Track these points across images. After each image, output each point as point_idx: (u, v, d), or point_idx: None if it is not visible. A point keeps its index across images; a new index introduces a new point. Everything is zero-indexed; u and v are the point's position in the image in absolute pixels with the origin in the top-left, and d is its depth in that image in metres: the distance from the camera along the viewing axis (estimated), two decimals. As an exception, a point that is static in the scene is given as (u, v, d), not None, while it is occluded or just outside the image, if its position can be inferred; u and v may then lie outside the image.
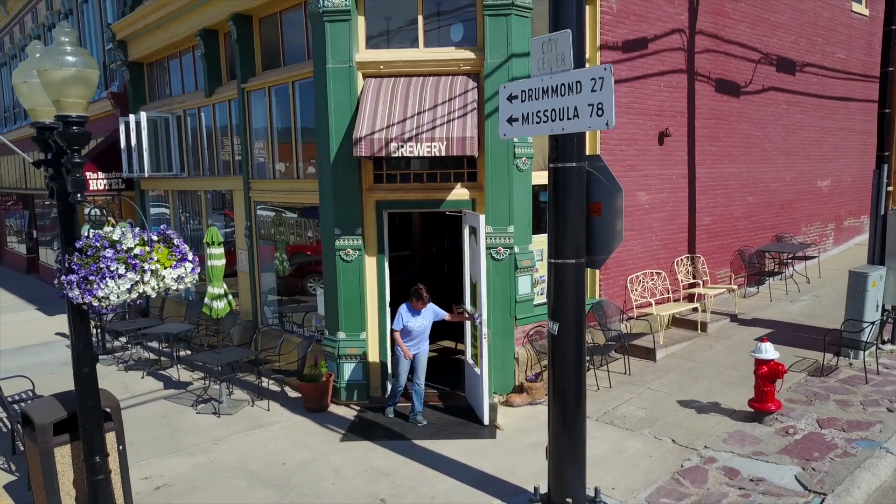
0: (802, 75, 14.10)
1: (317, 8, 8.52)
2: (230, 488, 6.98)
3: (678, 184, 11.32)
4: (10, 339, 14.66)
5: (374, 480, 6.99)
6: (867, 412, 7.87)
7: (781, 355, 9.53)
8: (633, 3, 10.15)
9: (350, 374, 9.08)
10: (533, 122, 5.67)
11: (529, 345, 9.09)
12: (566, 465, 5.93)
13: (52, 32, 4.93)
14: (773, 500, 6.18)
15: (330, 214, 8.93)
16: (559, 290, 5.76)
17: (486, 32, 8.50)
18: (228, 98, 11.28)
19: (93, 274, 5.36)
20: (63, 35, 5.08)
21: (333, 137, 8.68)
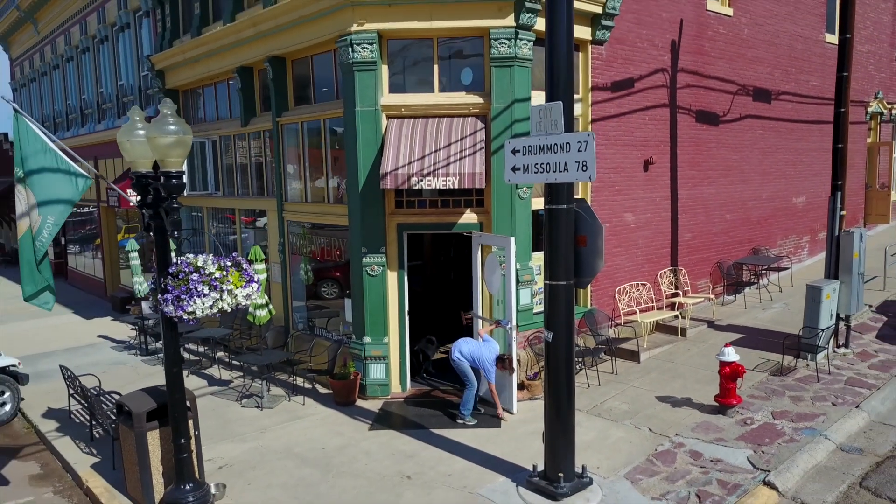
0: (778, 102, 15.53)
1: (347, 59, 9.96)
2: (281, 467, 8.43)
3: (661, 205, 12.76)
4: (59, 340, 16.12)
5: (399, 461, 8.43)
6: (815, 406, 9.31)
7: (749, 357, 11.04)
8: (620, 48, 11.59)
9: (374, 374, 10.51)
10: (532, 172, 7.11)
11: (529, 348, 10.53)
12: (559, 448, 7.37)
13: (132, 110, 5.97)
14: (727, 476, 7.61)
15: (358, 235, 10.38)
16: (553, 306, 7.21)
17: (493, 81, 9.94)
18: (263, 129, 12.72)
19: (184, 294, 6.79)
20: (166, 108, 6.51)
21: (362, 170, 10.12)
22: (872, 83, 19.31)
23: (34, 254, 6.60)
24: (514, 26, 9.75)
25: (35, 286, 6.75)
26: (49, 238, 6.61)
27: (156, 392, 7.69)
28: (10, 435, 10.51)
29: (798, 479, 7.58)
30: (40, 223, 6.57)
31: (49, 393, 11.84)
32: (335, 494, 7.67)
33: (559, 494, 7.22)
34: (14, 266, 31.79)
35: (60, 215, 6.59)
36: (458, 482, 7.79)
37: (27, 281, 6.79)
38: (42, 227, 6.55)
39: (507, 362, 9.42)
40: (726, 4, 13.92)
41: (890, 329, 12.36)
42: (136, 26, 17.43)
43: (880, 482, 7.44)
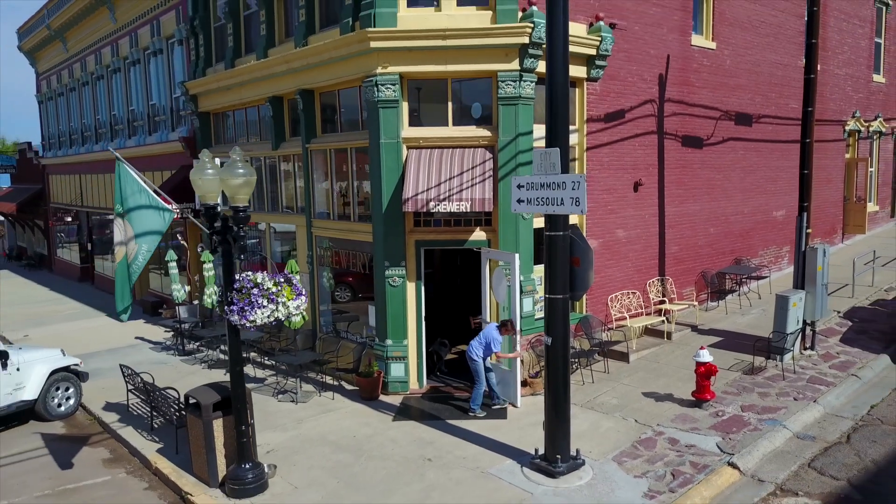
0: (759, 125, 16.98)
1: (373, 98, 11.41)
2: (319, 452, 9.88)
3: (650, 221, 14.21)
4: (99, 342, 17.53)
5: (421, 447, 9.88)
6: (778, 401, 10.76)
7: (726, 358, 12.50)
8: (612, 84, 13.03)
9: (395, 372, 11.97)
10: (534, 204, 8.56)
11: (531, 350, 11.98)
12: (557, 435, 8.82)
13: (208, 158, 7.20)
14: (698, 458, 9.06)
15: (381, 250, 11.83)
16: (552, 315, 8.66)
17: (500, 116, 11.39)
18: (293, 153, 14.17)
19: (246, 305, 8.26)
20: (236, 155, 7.95)
21: (385, 193, 11.57)
22: (850, 103, 20.76)
23: (128, 277, 8.07)
24: (518, 70, 11.20)
25: (124, 303, 8.25)
26: (143, 263, 8.09)
27: (217, 387, 9.15)
28: (76, 426, 11.97)
29: (757, 460, 9.03)
30: (136, 251, 8.04)
31: (103, 389, 13.28)
32: (368, 474, 9.13)
33: (557, 473, 8.67)
34: (39, 269, 33.32)
35: (152, 243, 8.06)
36: (472, 464, 9.24)
37: (119, 298, 8.29)
38: (137, 253, 8.02)
39: (509, 326, 10.80)
40: (710, 39, 15.37)
41: (853, 333, 13.80)
42: (168, 52, 18.90)
43: (825, 463, 8.89)
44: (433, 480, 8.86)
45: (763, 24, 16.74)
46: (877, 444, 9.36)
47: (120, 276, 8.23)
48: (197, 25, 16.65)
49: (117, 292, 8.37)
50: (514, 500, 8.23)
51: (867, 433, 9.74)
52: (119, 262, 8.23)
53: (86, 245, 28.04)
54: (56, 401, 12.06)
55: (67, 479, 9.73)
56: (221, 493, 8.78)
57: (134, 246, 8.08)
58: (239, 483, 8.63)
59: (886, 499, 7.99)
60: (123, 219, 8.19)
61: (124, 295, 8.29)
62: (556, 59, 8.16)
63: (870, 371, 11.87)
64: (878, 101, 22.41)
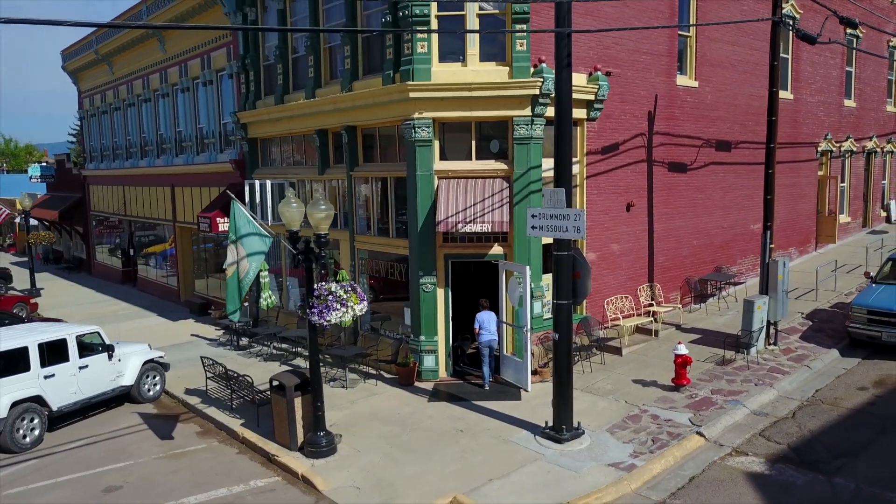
0: (737, 150, 19.45)
1: (411, 138, 13.89)
2: (371, 425, 12.36)
3: (641, 236, 16.69)
4: (160, 338, 19.98)
5: (453, 421, 12.36)
6: (742, 386, 13.23)
7: (703, 352, 14.97)
8: (608, 122, 15.50)
9: (427, 363, 14.45)
10: (545, 230, 11.05)
11: (540, 345, 14.46)
12: (562, 411, 11.29)
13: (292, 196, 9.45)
14: (673, 429, 11.53)
15: (416, 262, 14.31)
16: (559, 317, 11.15)
17: (515, 153, 13.87)
18: (337, 178, 16.64)
19: (324, 309, 10.75)
20: (319, 196, 10.44)
21: (420, 215, 14.04)
22: (822, 127, 23.21)
23: (239, 288, 10.61)
24: (530, 115, 13.68)
25: (235, 305, 10.80)
26: (252, 278, 10.63)
27: (296, 372, 11.66)
28: (164, 407, 14.47)
29: (720, 431, 11.51)
30: (247, 268, 10.55)
31: (179, 377, 15.77)
32: (413, 441, 11.62)
33: (563, 440, 11.15)
34: (78, 272, 35.83)
35: (257, 263, 10.58)
36: (495, 434, 11.73)
37: (231, 302, 10.88)
38: (249, 270, 10.53)
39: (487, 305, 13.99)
40: (693, 78, 17.84)
41: (812, 331, 16.27)
42: (217, 82, 21.40)
43: (772, 433, 11.38)
44: (465, 445, 11.35)
45: (740, 62, 19.20)
46: (815, 419, 11.84)
47: (231, 286, 10.78)
48: (248, 63, 19.14)
49: (228, 298, 10.92)
50: (530, 459, 10.72)
51: (809, 411, 12.23)
52: (230, 277, 10.76)
53: (127, 250, 30.56)
54: (146, 386, 14.56)
55: (173, 446, 12.24)
56: (301, 455, 11.27)
57: (245, 264, 10.58)
58: (315, 447, 11.12)
59: (811, 454, 10.48)
60: (236, 244, 10.71)
61: (234, 300, 10.85)
62: (564, 124, 10.67)
63: (820, 363, 14.36)
64: (850, 123, 24.86)
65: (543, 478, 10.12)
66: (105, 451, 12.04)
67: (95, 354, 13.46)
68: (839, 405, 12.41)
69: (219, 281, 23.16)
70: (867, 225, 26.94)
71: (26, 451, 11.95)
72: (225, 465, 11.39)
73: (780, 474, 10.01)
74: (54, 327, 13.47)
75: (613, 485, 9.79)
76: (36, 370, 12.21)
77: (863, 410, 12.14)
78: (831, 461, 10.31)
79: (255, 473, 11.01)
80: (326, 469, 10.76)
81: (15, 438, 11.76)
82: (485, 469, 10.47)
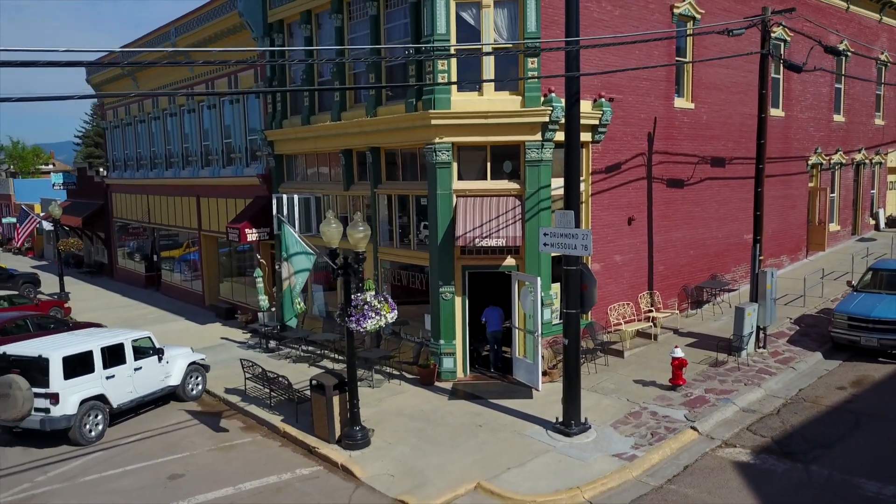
0: (731, 165, 20.84)
1: (432, 160, 15.28)
2: (399, 421, 13.75)
3: (641, 248, 18.09)
4: (192, 341, 21.27)
5: (472, 417, 13.75)
6: (733, 386, 14.62)
7: (698, 355, 16.35)
8: (611, 143, 16.90)
9: (446, 364, 15.85)
10: (555, 247, 12.45)
11: (550, 348, 15.86)
12: (571, 408, 12.69)
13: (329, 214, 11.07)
14: (670, 424, 12.92)
15: (436, 272, 15.70)
16: (568, 324, 12.55)
17: (526, 174, 15.27)
18: (361, 193, 18.05)
19: (361, 317, 12.15)
20: (357, 218, 11.83)
21: (440, 230, 15.43)
22: (813, 141, 24.60)
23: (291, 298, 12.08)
24: (541, 140, 15.08)
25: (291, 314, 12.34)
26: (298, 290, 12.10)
27: (332, 373, 13.08)
28: (206, 405, 15.88)
29: (712, 426, 12.91)
30: (296, 283, 12.00)
31: (217, 378, 17.15)
32: (437, 434, 13.02)
33: (572, 434, 12.54)
34: (99, 276, 37.22)
35: (303, 278, 12.04)
36: (511, 428, 13.13)
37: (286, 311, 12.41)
38: (297, 284, 11.97)
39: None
40: (689, 101, 19.24)
41: (798, 335, 17.67)
42: (244, 101, 22.83)
43: (758, 427, 12.78)
44: (484, 439, 12.75)
45: (734, 84, 20.58)
46: (797, 415, 13.25)
47: (286, 298, 12.31)
48: (275, 85, 20.54)
49: (285, 307, 12.52)
50: (543, 450, 12.12)
51: (792, 408, 13.63)
52: (286, 290, 12.27)
53: (150, 256, 31.99)
54: (190, 386, 15.96)
55: (221, 439, 13.65)
56: (339, 447, 12.67)
57: (294, 279, 12.03)
58: (352, 440, 12.53)
59: (791, 446, 11.88)
60: (287, 262, 12.16)
61: (289, 310, 12.42)
62: (573, 155, 12.08)
63: (804, 364, 15.76)
64: (839, 137, 26.24)
65: (555, 466, 11.52)
66: (162, 443, 13.45)
67: (147, 357, 14.87)
68: (819, 403, 13.80)
69: (243, 286, 24.60)
70: (856, 232, 28.33)
71: (92, 444, 13.36)
72: (271, 455, 12.80)
73: (763, 463, 11.40)
74: (112, 333, 14.86)
75: (617, 472, 11.19)
76: (99, 371, 13.62)
77: (840, 408, 13.53)
78: (809, 452, 11.70)
79: (298, 463, 12.42)
80: (363, 459, 12.16)
81: (83, 432, 13.17)
82: (503, 459, 11.87)
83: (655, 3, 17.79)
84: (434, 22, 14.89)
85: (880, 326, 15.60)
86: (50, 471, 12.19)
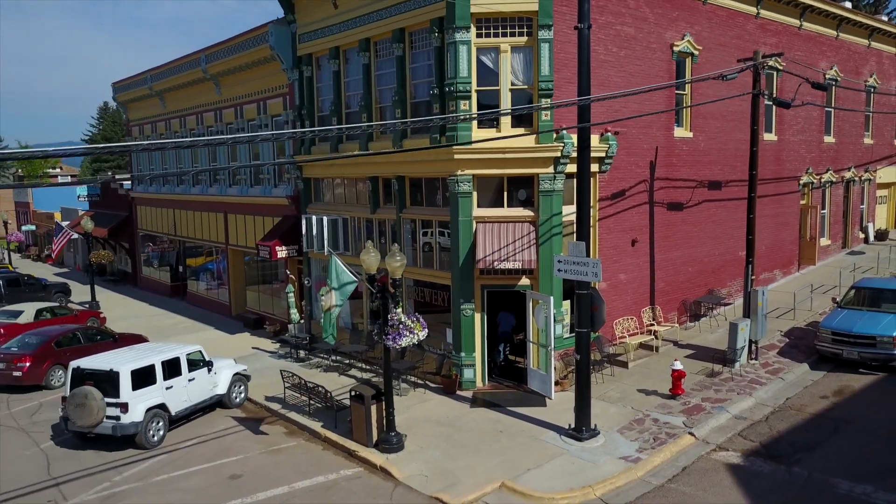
0: (727, 188, 22.44)
1: (455, 190, 16.89)
2: (427, 427, 15.36)
3: (643, 266, 19.70)
4: (224, 351, 22.89)
5: (492, 423, 15.35)
6: (727, 395, 16.22)
7: (696, 366, 17.95)
8: (616, 172, 18.50)
9: (467, 375, 17.46)
10: (568, 273, 14.07)
11: (561, 360, 17.47)
12: (582, 415, 14.30)
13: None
14: (670, 430, 14.52)
15: (458, 291, 17.31)
16: (580, 341, 14.16)
17: (540, 202, 16.87)
18: (386, 217, 19.66)
19: (396, 335, 13.77)
20: (395, 249, 13.43)
21: (461, 253, 17.04)
22: (804, 162, 26.20)
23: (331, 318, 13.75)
24: (553, 172, 16.69)
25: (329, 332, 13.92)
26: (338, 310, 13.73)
27: (369, 384, 14.70)
28: (249, 412, 17.48)
29: (707, 431, 14.52)
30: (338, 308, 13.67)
31: (255, 386, 18.74)
32: (463, 439, 14.62)
33: (583, 438, 14.15)
34: (123, 284, 38.82)
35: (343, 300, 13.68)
36: (528, 433, 14.74)
37: (326, 329, 13.98)
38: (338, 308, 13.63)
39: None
40: (688, 130, 20.86)
41: (788, 347, 19.27)
42: (272, 125, 24.43)
43: (749, 433, 14.39)
44: (505, 443, 14.36)
45: (730, 112, 22.18)
46: (783, 422, 14.86)
47: (327, 320, 14.00)
48: (304, 113, 22.16)
49: (325, 328, 14.14)
50: (557, 453, 13.73)
51: (779, 415, 15.24)
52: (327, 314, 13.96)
53: (176, 267, 33.61)
54: (234, 394, 17.58)
55: (269, 443, 15.26)
56: (376, 451, 14.28)
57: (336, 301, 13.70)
58: (388, 444, 14.14)
59: (777, 450, 13.49)
60: (336, 291, 13.93)
61: (328, 328, 14.09)
62: (584, 193, 13.72)
63: (792, 375, 17.36)
64: (829, 157, 27.85)
65: (569, 467, 13.13)
66: (217, 447, 15.06)
67: (199, 369, 16.49)
68: (804, 410, 15.41)
69: (270, 297, 26.20)
70: (846, 246, 29.93)
71: (154, 447, 14.97)
72: (315, 458, 14.42)
73: (752, 465, 13.01)
74: (169, 347, 16.45)
75: (624, 473, 12.80)
76: (160, 383, 15.24)
77: (822, 415, 15.14)
78: (792, 455, 13.31)
79: (341, 465, 14.03)
80: (398, 461, 13.77)
81: (147, 437, 14.78)
82: (523, 461, 13.48)
83: (657, 42, 19.40)
84: (457, 66, 16.52)
85: (861, 341, 17.21)
86: (124, 471, 13.81)
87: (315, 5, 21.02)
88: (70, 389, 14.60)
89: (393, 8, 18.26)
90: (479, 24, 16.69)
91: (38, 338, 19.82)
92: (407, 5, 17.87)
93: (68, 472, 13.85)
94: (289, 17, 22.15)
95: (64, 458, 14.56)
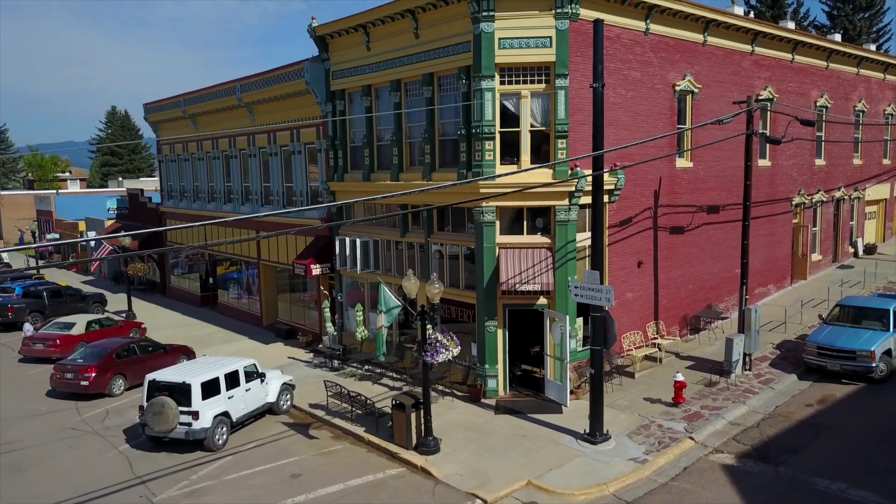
0: (724, 211, 24.47)
1: (480, 220, 18.93)
2: (457, 431, 17.38)
3: (648, 285, 21.74)
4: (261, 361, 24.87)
5: (516, 428, 17.38)
6: (723, 403, 18.25)
7: (695, 376, 19.99)
8: (624, 202, 20.53)
9: (490, 385, 19.50)
10: (584, 297, 16.12)
11: (575, 371, 19.51)
12: (596, 421, 16.34)
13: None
14: (672, 434, 16.56)
15: (482, 309, 19.35)
16: (594, 358, 16.20)
17: (556, 231, 18.92)
18: (415, 241, 21.71)
19: (434, 352, 15.83)
20: (434, 277, 15.48)
21: (486, 276, 19.08)
22: (796, 184, 28.24)
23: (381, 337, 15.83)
24: (568, 204, 18.73)
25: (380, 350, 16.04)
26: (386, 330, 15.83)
27: (410, 394, 16.76)
28: (295, 418, 19.52)
29: (705, 436, 16.56)
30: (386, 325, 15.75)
31: (298, 395, 20.78)
32: (490, 443, 16.66)
33: (596, 442, 16.19)
34: (151, 293, 40.88)
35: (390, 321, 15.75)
36: (547, 437, 16.78)
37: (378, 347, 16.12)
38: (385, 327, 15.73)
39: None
40: (688, 161, 22.89)
41: (779, 359, 21.31)
42: (305, 153, 26.48)
43: (741, 437, 16.43)
44: (528, 446, 16.40)
45: (727, 143, 24.18)
46: (772, 427, 16.89)
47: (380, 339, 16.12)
48: (337, 143, 24.21)
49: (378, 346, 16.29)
50: (574, 456, 15.77)
51: (769, 421, 17.27)
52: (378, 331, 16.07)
53: (206, 277, 35.65)
54: (282, 402, 19.63)
55: (319, 446, 17.31)
56: (415, 453, 16.31)
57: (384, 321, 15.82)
58: (426, 447, 16.18)
59: (766, 452, 15.54)
60: (384, 313, 16.03)
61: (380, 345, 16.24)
62: (597, 228, 15.77)
63: (781, 385, 19.40)
64: (820, 178, 29.88)
65: (585, 468, 15.17)
66: (273, 449, 17.11)
67: (254, 380, 18.54)
68: (791, 417, 17.44)
69: (302, 309, 28.23)
70: (837, 260, 31.97)
71: (220, 450, 17.01)
72: (362, 460, 16.46)
73: (744, 465, 15.05)
74: (229, 361, 18.49)
75: (633, 472, 14.84)
76: (224, 393, 17.30)
77: (807, 421, 17.17)
78: (779, 456, 15.34)
79: (385, 466, 16.08)
80: (436, 462, 15.81)
81: (214, 441, 16.83)
82: (544, 462, 15.52)
83: (660, 83, 21.45)
84: (483, 110, 18.57)
85: (843, 355, 19.24)
86: (198, 471, 15.86)
87: (348, 47, 23.07)
88: (146, 399, 16.64)
89: (423, 54, 20.33)
90: (502, 73, 18.74)
91: (100, 349, 21.88)
92: (436, 53, 19.93)
93: (148, 471, 15.90)
94: (322, 56, 24.20)
95: (143, 460, 16.61)
